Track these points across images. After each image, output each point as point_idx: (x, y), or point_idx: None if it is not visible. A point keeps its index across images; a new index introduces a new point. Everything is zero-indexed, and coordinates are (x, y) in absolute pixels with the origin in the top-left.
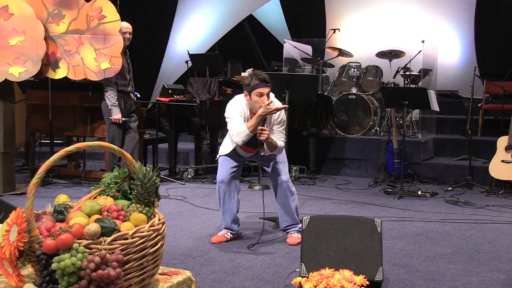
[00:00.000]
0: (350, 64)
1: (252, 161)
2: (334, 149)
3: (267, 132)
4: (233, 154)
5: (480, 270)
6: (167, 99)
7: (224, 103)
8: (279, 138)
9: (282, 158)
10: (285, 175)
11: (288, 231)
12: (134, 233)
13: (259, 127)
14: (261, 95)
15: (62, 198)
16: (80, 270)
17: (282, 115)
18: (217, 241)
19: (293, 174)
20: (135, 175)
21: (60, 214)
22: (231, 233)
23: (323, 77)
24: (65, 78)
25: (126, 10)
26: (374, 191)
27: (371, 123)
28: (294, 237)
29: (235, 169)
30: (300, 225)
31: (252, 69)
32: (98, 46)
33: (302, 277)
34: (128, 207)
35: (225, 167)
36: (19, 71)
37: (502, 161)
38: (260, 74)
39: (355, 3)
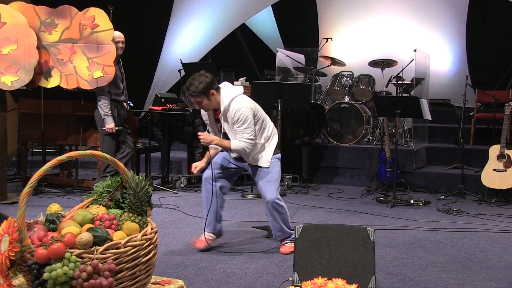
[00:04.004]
0: (342, 73)
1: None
2: (327, 158)
3: (202, 138)
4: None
5: (473, 279)
6: (160, 108)
7: None
8: (240, 137)
9: (271, 177)
10: (270, 195)
11: (281, 241)
12: (126, 242)
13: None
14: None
15: (54, 207)
16: (72, 279)
17: (238, 113)
18: (202, 245)
19: (286, 183)
20: (127, 184)
21: (52, 223)
22: (213, 233)
23: (316, 86)
24: (58, 87)
25: (119, 19)
26: (367, 200)
27: (363, 132)
28: (287, 246)
29: (221, 170)
30: (293, 235)
31: (244, 78)
32: (91, 55)
33: (295, 286)
34: (120, 216)
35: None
36: (11, 80)
37: (494, 169)
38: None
39: (348, 12)
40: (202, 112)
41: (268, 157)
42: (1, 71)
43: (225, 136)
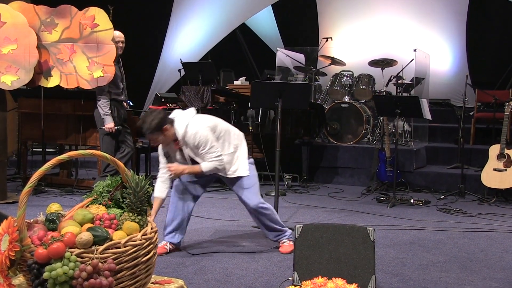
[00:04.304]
0: (342, 72)
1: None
2: (327, 158)
3: (172, 170)
4: None
5: (473, 279)
6: (160, 108)
7: (217, 111)
8: (208, 158)
9: (249, 183)
10: (253, 201)
11: (278, 240)
12: (126, 242)
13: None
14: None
15: (54, 207)
16: (72, 279)
17: (197, 137)
18: (161, 252)
19: (286, 183)
20: (127, 184)
21: (52, 223)
22: (170, 243)
23: (316, 86)
24: (58, 86)
25: (119, 18)
26: (367, 200)
27: (363, 131)
28: (286, 245)
29: (192, 179)
30: (289, 232)
31: (244, 77)
32: (90, 55)
33: (295, 285)
34: (120, 215)
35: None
36: (11, 80)
37: (494, 169)
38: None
39: (348, 12)
40: (160, 147)
41: (245, 166)
42: (1, 71)
43: (193, 162)
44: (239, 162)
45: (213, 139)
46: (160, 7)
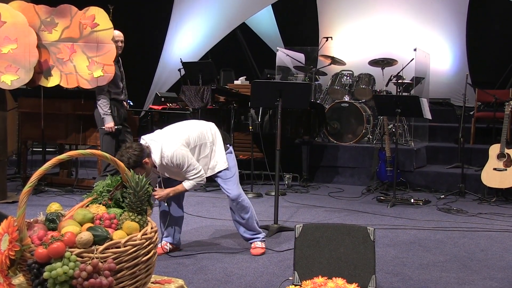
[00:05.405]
0: (342, 72)
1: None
2: (327, 157)
3: (157, 195)
4: None
5: (473, 278)
6: (160, 107)
7: (217, 111)
8: (189, 176)
9: (228, 173)
10: (232, 192)
11: (251, 241)
12: (126, 241)
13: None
14: None
15: (54, 207)
16: (72, 279)
17: (174, 160)
18: (159, 252)
19: (286, 182)
20: (127, 184)
21: (52, 222)
22: (170, 243)
23: (316, 85)
24: (58, 86)
25: (119, 18)
26: (367, 199)
27: (363, 131)
28: (258, 247)
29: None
30: (261, 234)
31: (244, 77)
32: (91, 54)
33: (295, 285)
34: (120, 215)
35: None
36: (11, 79)
37: (494, 169)
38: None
39: (348, 11)
40: None
41: (222, 158)
42: (1, 70)
43: (175, 182)
44: (217, 157)
45: (190, 156)
46: (160, 7)
